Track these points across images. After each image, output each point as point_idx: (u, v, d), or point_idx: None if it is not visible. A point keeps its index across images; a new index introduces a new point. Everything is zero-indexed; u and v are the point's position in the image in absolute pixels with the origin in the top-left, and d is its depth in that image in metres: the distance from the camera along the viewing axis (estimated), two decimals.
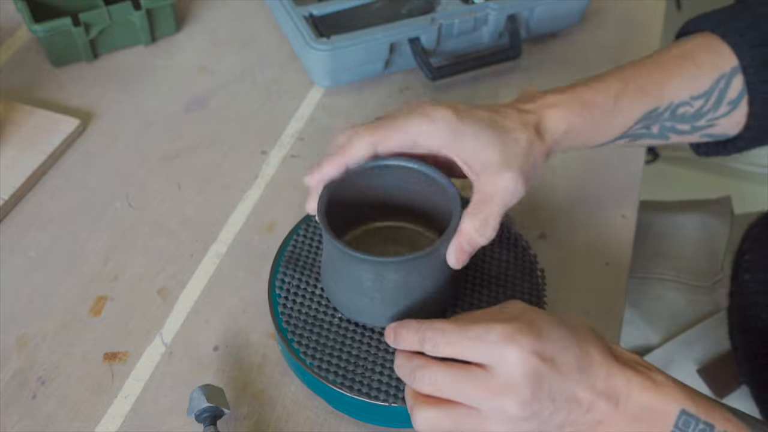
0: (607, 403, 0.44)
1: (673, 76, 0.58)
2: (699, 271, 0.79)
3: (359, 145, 0.51)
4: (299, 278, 0.57)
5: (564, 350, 0.44)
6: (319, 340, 0.54)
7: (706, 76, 0.58)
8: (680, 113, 0.58)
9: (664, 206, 0.89)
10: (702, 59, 0.58)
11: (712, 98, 0.58)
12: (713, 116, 0.59)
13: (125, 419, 0.56)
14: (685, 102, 0.58)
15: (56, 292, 0.63)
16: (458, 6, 0.80)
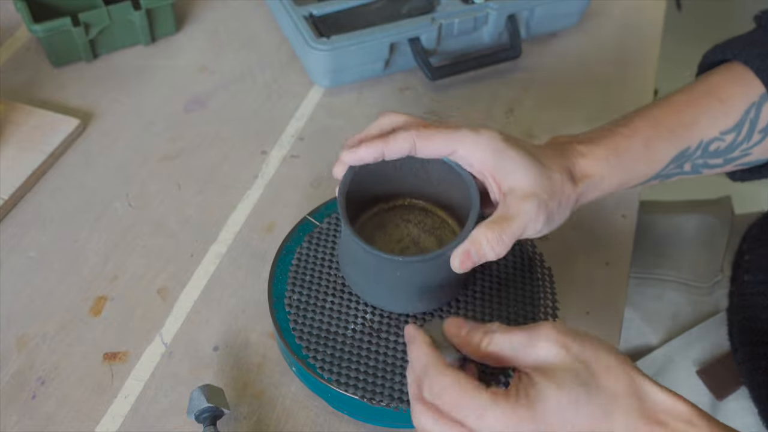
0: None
1: (701, 114, 0.57)
2: (699, 272, 0.79)
3: (402, 140, 0.51)
4: (307, 291, 0.57)
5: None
6: (326, 350, 0.54)
7: (735, 109, 0.58)
8: (712, 149, 0.58)
9: (664, 206, 0.89)
10: (728, 93, 0.58)
11: (744, 130, 0.58)
12: (746, 146, 0.59)
13: (125, 419, 0.56)
14: (716, 138, 0.58)
15: (56, 292, 0.63)
16: (458, 6, 0.80)
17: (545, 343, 0.43)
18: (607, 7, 0.92)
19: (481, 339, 0.45)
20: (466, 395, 0.42)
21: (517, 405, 0.41)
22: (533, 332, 0.44)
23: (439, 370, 0.43)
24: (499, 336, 0.45)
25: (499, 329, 0.45)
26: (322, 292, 0.57)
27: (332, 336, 0.54)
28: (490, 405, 0.41)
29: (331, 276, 0.58)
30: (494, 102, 0.81)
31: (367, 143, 0.51)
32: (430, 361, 0.44)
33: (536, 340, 0.43)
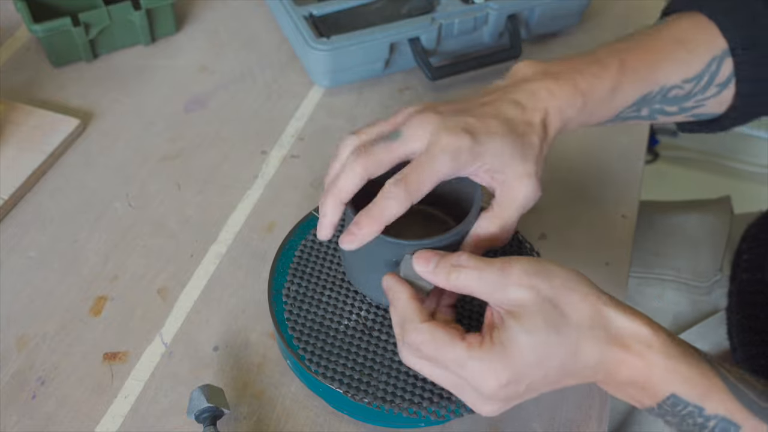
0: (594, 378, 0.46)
1: (666, 60, 0.57)
2: (698, 271, 0.79)
3: (392, 201, 0.50)
4: (306, 283, 0.57)
5: (545, 365, 0.44)
6: (316, 342, 0.54)
7: (698, 60, 0.58)
8: (671, 96, 0.58)
9: (664, 206, 0.89)
10: (694, 42, 0.58)
11: (703, 81, 0.58)
12: (702, 97, 0.59)
13: (125, 419, 0.56)
14: (677, 85, 0.58)
15: (56, 292, 0.63)
16: (458, 6, 0.80)
17: (516, 287, 0.45)
18: (607, 7, 0.92)
19: (449, 272, 0.47)
20: (442, 349, 0.45)
21: (492, 353, 0.44)
22: (504, 272, 0.45)
23: (415, 325, 0.46)
24: (469, 272, 0.46)
25: (468, 262, 0.46)
26: (320, 286, 0.57)
27: (324, 329, 0.55)
28: (467, 357, 0.44)
29: (330, 271, 0.58)
30: None
31: (365, 224, 0.50)
32: (407, 315, 0.47)
33: (507, 282, 0.45)
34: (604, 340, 0.44)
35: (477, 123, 0.51)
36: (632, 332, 0.45)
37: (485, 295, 0.46)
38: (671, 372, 0.44)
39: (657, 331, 0.45)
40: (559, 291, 0.45)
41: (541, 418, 0.57)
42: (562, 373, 0.45)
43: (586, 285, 0.46)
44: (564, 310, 0.44)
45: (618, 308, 0.45)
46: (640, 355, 0.44)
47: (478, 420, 0.56)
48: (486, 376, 0.44)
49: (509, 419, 0.57)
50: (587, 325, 0.44)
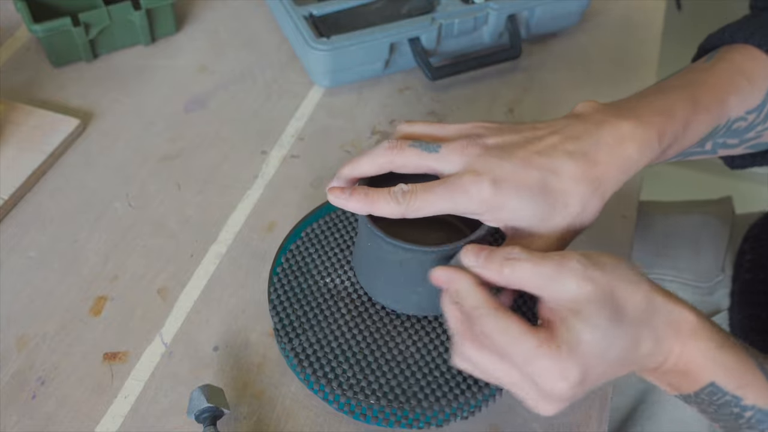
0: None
1: (731, 92, 0.56)
2: (700, 272, 0.79)
3: (388, 207, 0.50)
4: (297, 281, 0.58)
5: (607, 352, 0.44)
6: (312, 344, 0.54)
7: (759, 90, 0.57)
8: (734, 128, 0.58)
9: (664, 206, 0.89)
10: (753, 72, 0.57)
11: (764, 111, 0.58)
12: (762, 128, 0.59)
13: (125, 419, 0.56)
14: (741, 117, 0.57)
15: (56, 292, 0.63)
16: (458, 6, 0.80)
17: (573, 280, 0.44)
18: (607, 7, 0.92)
19: (501, 264, 0.45)
20: (515, 340, 0.43)
21: (560, 354, 0.43)
22: (560, 266, 0.44)
23: (490, 312, 0.44)
24: (523, 264, 0.45)
25: (521, 256, 0.45)
26: (313, 281, 0.58)
27: (311, 327, 0.55)
28: (538, 354, 0.43)
29: (325, 269, 0.58)
30: (494, 102, 0.81)
31: (361, 197, 0.50)
32: (478, 302, 0.45)
33: (564, 275, 0.44)
34: (657, 328, 0.45)
35: (512, 172, 0.48)
36: (680, 319, 0.45)
37: (540, 289, 0.45)
38: (713, 360, 0.45)
39: (702, 319, 0.45)
40: (613, 282, 0.44)
41: (541, 418, 0.57)
42: (621, 365, 0.45)
43: (636, 274, 0.46)
44: (621, 301, 0.44)
45: (666, 296, 0.45)
46: (687, 341, 0.45)
47: (477, 420, 0.56)
48: (556, 377, 0.43)
49: (509, 419, 0.57)
50: (643, 315, 0.44)
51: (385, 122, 0.78)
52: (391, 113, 0.79)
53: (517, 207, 0.49)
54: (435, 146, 0.50)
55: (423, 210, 0.49)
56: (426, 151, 0.50)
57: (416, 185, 0.49)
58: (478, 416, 0.55)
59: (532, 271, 0.44)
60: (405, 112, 0.79)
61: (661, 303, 0.45)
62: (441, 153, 0.50)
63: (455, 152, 0.50)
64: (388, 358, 0.54)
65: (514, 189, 0.48)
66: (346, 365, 0.53)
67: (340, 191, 0.50)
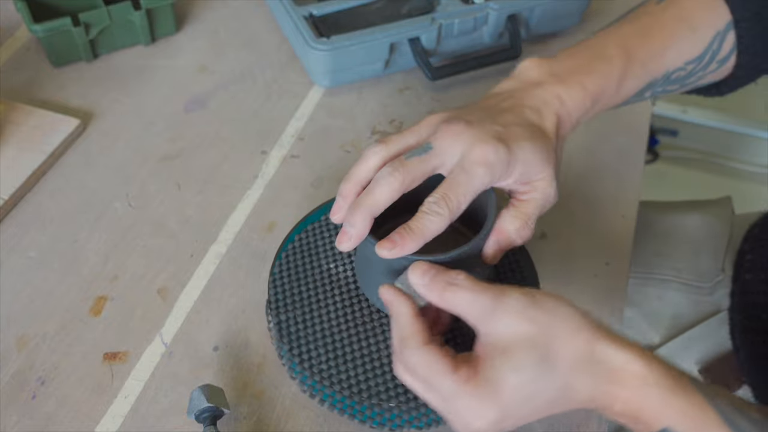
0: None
1: (672, 44, 0.56)
2: (700, 272, 0.79)
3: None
4: (293, 284, 0.58)
5: (533, 399, 0.44)
6: (309, 345, 0.54)
7: (702, 39, 0.57)
8: (673, 78, 0.58)
9: (664, 206, 0.89)
10: (698, 19, 0.57)
11: (705, 59, 0.58)
12: (702, 74, 0.59)
13: (125, 419, 0.56)
14: (680, 68, 0.57)
15: (56, 292, 0.63)
16: (458, 6, 0.80)
17: (508, 317, 0.44)
18: (607, 7, 0.92)
19: (443, 288, 0.46)
20: (437, 376, 0.44)
21: (480, 391, 0.43)
22: (498, 300, 0.44)
23: (414, 345, 0.45)
24: (464, 292, 0.45)
25: (464, 283, 0.45)
26: (311, 281, 0.58)
27: (308, 325, 0.55)
28: (457, 392, 0.43)
29: (319, 270, 0.58)
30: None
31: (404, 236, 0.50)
32: (407, 333, 0.46)
33: (501, 310, 0.44)
34: (596, 376, 0.44)
35: (505, 132, 0.50)
36: (625, 366, 0.43)
37: (475, 319, 0.45)
38: (666, 406, 0.43)
39: (651, 363, 0.44)
40: (551, 325, 0.44)
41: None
42: (552, 407, 0.44)
43: (579, 319, 0.45)
44: (555, 346, 0.43)
45: (611, 342, 0.44)
46: (634, 389, 0.43)
47: None
48: (473, 414, 0.43)
49: None
50: (579, 362, 0.43)
51: (385, 122, 0.78)
52: (391, 113, 0.79)
53: (528, 155, 0.50)
54: (427, 146, 0.51)
55: (462, 204, 0.49)
56: (424, 154, 0.50)
57: (439, 189, 0.49)
58: None
59: (471, 300, 0.45)
60: (405, 112, 0.79)
61: (603, 350, 0.44)
62: (435, 147, 0.50)
63: (447, 139, 0.50)
64: (386, 358, 0.54)
65: (517, 141, 0.50)
66: (344, 366, 0.53)
67: (391, 243, 0.49)
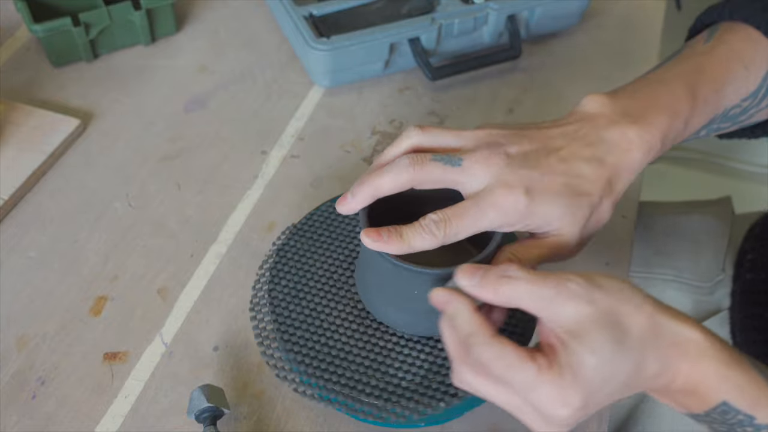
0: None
1: (728, 82, 0.56)
2: (700, 272, 0.79)
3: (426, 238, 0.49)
4: (291, 284, 0.57)
5: (610, 380, 0.43)
6: (307, 345, 0.54)
7: (755, 76, 0.57)
8: (730, 115, 0.58)
9: (664, 206, 0.89)
10: (749, 57, 0.57)
11: (759, 96, 0.57)
12: (755, 110, 0.59)
13: (125, 419, 0.56)
14: (736, 105, 0.57)
15: (56, 292, 0.63)
16: (458, 6, 0.80)
17: (573, 302, 0.43)
18: (607, 7, 0.92)
19: (497, 283, 0.44)
20: (513, 368, 0.42)
21: (563, 380, 0.42)
22: (559, 287, 0.43)
23: (485, 340, 0.43)
24: (520, 284, 0.44)
25: (518, 274, 0.44)
26: (308, 281, 0.58)
27: (298, 320, 0.55)
28: (538, 382, 0.42)
29: (313, 269, 0.58)
30: (494, 102, 0.81)
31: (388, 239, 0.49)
32: (473, 329, 0.44)
33: (563, 297, 0.43)
34: (662, 350, 0.43)
35: (540, 180, 0.49)
36: (687, 339, 0.44)
37: (538, 310, 0.44)
38: (724, 379, 0.43)
39: (709, 337, 0.44)
40: (615, 304, 0.43)
41: None
42: (626, 387, 0.44)
43: (639, 295, 0.44)
44: (623, 323, 0.43)
45: (671, 315, 0.44)
46: (695, 362, 0.43)
47: (478, 420, 0.56)
48: (558, 404, 0.42)
49: (509, 419, 0.56)
50: (647, 336, 0.43)
51: (385, 122, 0.78)
52: (391, 113, 0.79)
53: (548, 212, 0.49)
54: (457, 159, 0.49)
55: (460, 235, 0.48)
56: (449, 165, 0.49)
57: (446, 212, 0.48)
58: (479, 416, 0.55)
59: (530, 291, 0.44)
60: (405, 112, 0.79)
61: (665, 323, 0.44)
62: (464, 166, 0.49)
63: (479, 164, 0.49)
64: (385, 358, 0.53)
65: (544, 196, 0.49)
66: (344, 364, 0.53)
67: (377, 235, 0.49)
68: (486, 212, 0.48)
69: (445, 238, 0.48)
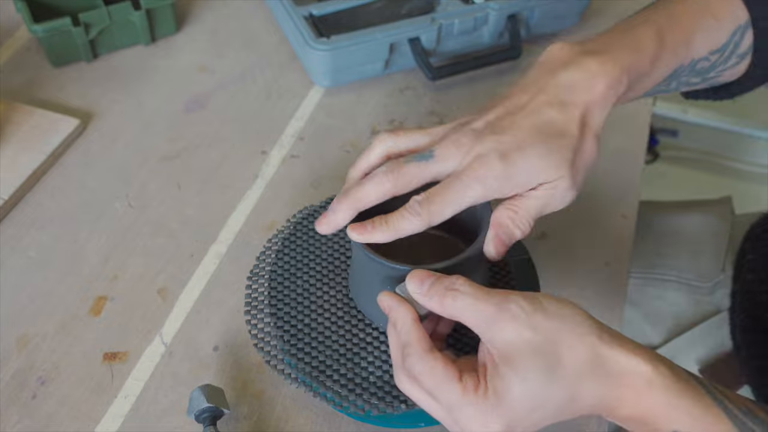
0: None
1: (696, 31, 0.56)
2: (700, 272, 0.79)
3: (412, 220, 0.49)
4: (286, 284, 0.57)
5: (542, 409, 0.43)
6: (306, 343, 0.54)
7: (725, 30, 0.56)
8: (698, 68, 0.57)
9: (664, 206, 0.89)
10: (721, 11, 0.56)
11: (727, 52, 0.57)
12: (722, 68, 0.58)
13: (125, 419, 0.56)
14: (704, 57, 0.57)
15: (56, 292, 0.63)
16: (458, 6, 0.80)
17: (513, 325, 0.43)
18: (607, 7, 0.92)
19: (443, 295, 0.45)
20: (440, 386, 0.43)
21: (486, 402, 0.42)
22: (501, 309, 0.43)
23: (418, 353, 0.44)
24: (465, 298, 0.44)
25: (465, 288, 0.44)
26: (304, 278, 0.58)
27: (291, 316, 0.55)
28: (462, 402, 0.43)
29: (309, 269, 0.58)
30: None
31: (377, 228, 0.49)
32: (409, 340, 0.45)
33: (503, 319, 0.43)
34: (602, 381, 0.43)
35: (511, 141, 0.49)
36: (631, 370, 0.43)
37: (478, 327, 0.44)
38: (673, 408, 0.43)
39: (657, 366, 0.43)
40: (556, 333, 0.43)
41: None
42: (559, 415, 0.43)
43: (584, 323, 0.44)
44: (560, 353, 0.42)
45: (616, 345, 0.43)
46: (641, 393, 0.43)
47: None
48: (478, 425, 0.42)
49: None
50: (585, 368, 0.42)
51: (385, 122, 0.78)
52: (391, 113, 0.79)
53: (528, 166, 0.48)
54: (428, 153, 0.50)
55: (445, 211, 0.48)
56: (423, 161, 0.49)
57: (428, 191, 0.48)
58: None
59: (472, 307, 0.44)
60: (405, 112, 0.79)
61: (608, 354, 0.43)
62: (436, 155, 0.50)
63: (449, 148, 0.50)
64: (361, 350, 0.53)
65: (519, 152, 0.48)
66: (321, 347, 0.53)
67: (362, 228, 0.49)
68: (467, 184, 0.48)
69: (431, 217, 0.48)
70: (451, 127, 0.52)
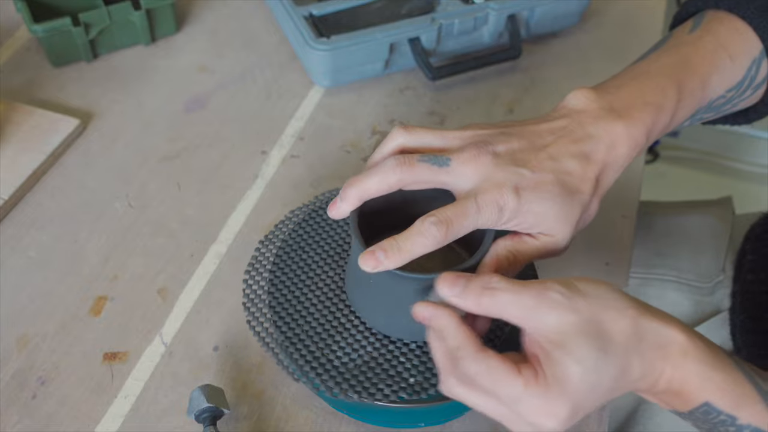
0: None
1: (713, 73, 0.56)
2: (701, 272, 0.79)
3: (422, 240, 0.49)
4: (288, 282, 0.58)
5: (596, 387, 0.43)
6: (304, 342, 0.54)
7: (740, 67, 0.57)
8: (714, 105, 0.58)
9: (664, 206, 0.89)
10: (734, 48, 0.57)
11: (743, 86, 0.58)
12: (738, 100, 0.59)
13: (125, 419, 0.56)
14: (721, 96, 0.57)
15: (56, 292, 0.63)
16: (458, 6, 0.80)
17: (555, 311, 0.43)
18: (607, 7, 0.92)
19: (479, 294, 0.44)
20: (500, 383, 0.42)
21: (549, 393, 0.42)
22: (541, 296, 0.43)
23: (471, 354, 0.43)
24: (503, 294, 0.44)
25: (500, 285, 0.44)
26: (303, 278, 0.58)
27: (289, 314, 0.55)
28: (525, 395, 0.42)
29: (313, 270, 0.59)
30: (494, 102, 0.81)
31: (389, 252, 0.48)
32: (460, 343, 0.44)
33: (545, 306, 0.43)
34: (646, 353, 0.43)
35: (530, 178, 0.49)
36: (670, 341, 0.44)
37: (520, 320, 0.44)
38: (706, 380, 0.44)
39: (693, 338, 0.44)
40: (597, 310, 0.43)
41: None
42: (611, 392, 0.44)
43: (620, 298, 0.44)
44: (607, 329, 0.43)
45: (653, 317, 0.44)
46: (678, 363, 0.44)
47: (478, 419, 0.56)
48: (545, 415, 0.42)
49: None
50: (630, 341, 0.43)
51: (385, 122, 0.78)
52: (391, 113, 0.79)
53: (541, 211, 0.49)
54: (445, 159, 0.49)
55: (459, 233, 0.48)
56: (437, 165, 0.49)
57: (445, 212, 0.48)
58: (479, 415, 0.55)
59: (512, 302, 0.44)
60: (405, 112, 0.79)
61: (648, 326, 0.44)
62: (452, 166, 0.49)
63: (467, 164, 0.49)
64: (385, 357, 0.53)
65: (535, 194, 0.49)
66: (347, 363, 0.53)
67: (374, 256, 0.48)
68: (483, 211, 0.48)
69: (446, 240, 0.48)
70: (468, 135, 0.51)
